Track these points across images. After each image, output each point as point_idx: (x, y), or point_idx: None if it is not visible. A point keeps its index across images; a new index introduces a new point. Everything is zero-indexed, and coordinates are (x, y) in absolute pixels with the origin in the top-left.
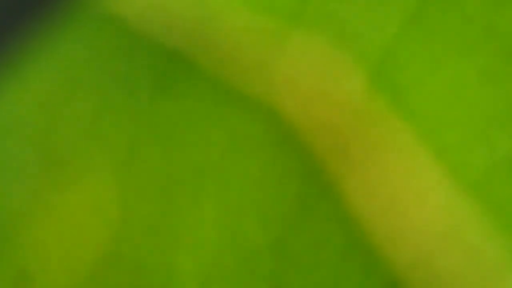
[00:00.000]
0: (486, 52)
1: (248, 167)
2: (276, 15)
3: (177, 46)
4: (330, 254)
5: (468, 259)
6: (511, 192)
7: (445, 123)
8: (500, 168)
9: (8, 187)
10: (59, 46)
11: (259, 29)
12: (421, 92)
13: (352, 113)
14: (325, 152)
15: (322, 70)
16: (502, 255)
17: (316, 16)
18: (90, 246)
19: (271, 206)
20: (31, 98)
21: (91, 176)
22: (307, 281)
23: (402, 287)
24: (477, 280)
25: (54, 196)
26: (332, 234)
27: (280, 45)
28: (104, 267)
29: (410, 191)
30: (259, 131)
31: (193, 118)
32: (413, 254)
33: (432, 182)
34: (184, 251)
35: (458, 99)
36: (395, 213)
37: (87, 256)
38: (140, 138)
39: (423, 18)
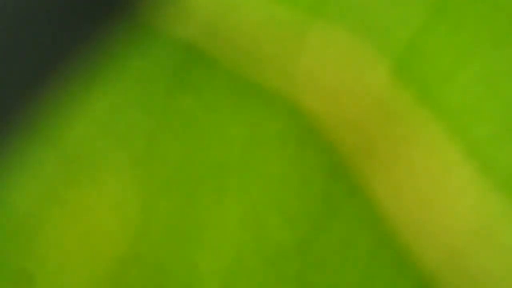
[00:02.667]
0: None
1: (271, 164)
2: (297, 7)
3: (195, 40)
4: (357, 254)
5: (500, 258)
6: None
7: (475, 117)
8: None
9: (26, 186)
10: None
11: (279, 22)
12: (449, 85)
13: (377, 108)
14: (350, 149)
15: (344, 64)
16: None
17: (338, 7)
18: (110, 245)
19: (296, 204)
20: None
21: (109, 174)
22: (335, 281)
23: (433, 287)
24: (510, 279)
25: (71, 195)
26: (360, 233)
27: (301, 38)
28: (124, 267)
29: (440, 188)
30: (281, 127)
31: (212, 114)
32: (443, 253)
33: (462, 179)
34: (206, 251)
35: (488, 92)
36: (424, 211)
37: (107, 256)
38: (158, 134)
39: (450, 7)
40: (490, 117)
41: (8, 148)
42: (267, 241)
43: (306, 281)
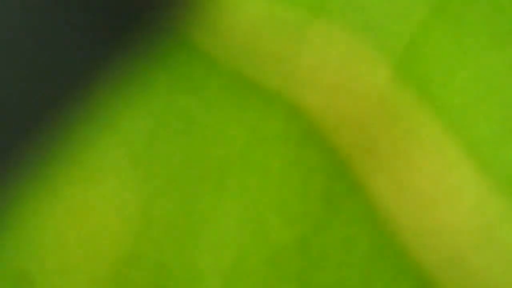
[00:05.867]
0: None
1: (270, 163)
2: (297, 5)
3: (195, 38)
4: (358, 254)
5: (501, 257)
6: None
7: (476, 116)
8: None
9: (26, 186)
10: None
11: (279, 20)
12: (449, 84)
13: (377, 107)
14: (350, 148)
15: (345, 62)
16: None
17: (338, 5)
18: (110, 245)
19: (295, 204)
20: None
21: (110, 173)
22: (335, 281)
23: (433, 287)
24: (510, 279)
25: (72, 195)
26: (360, 233)
27: (301, 36)
28: (124, 267)
29: (440, 187)
30: (281, 126)
31: (212, 113)
32: (444, 253)
33: (463, 178)
34: (206, 250)
35: (488, 92)
36: (425, 211)
37: (107, 256)
38: (158, 134)
39: (450, 7)
40: (490, 117)
41: (9, 148)
42: (267, 241)
43: (307, 281)
